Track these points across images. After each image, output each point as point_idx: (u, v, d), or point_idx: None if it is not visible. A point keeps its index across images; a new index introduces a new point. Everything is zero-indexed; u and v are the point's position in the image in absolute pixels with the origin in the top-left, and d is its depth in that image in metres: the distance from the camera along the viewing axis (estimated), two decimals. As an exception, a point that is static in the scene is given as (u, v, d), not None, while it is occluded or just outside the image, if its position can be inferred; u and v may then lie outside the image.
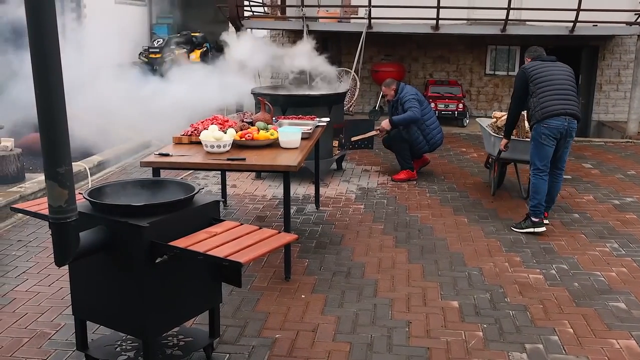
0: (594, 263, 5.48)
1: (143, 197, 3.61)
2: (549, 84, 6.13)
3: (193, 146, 5.42)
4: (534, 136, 6.17)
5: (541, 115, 6.06)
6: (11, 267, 5.28)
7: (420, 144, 8.23)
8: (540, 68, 6.20)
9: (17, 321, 4.32)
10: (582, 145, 11.01)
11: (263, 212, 6.85)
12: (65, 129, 2.93)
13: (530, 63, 6.32)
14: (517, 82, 6.35)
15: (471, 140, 11.38)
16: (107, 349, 3.74)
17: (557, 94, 6.11)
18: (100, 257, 3.35)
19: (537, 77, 6.15)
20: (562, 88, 6.14)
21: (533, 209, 6.18)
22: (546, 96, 6.09)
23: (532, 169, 6.25)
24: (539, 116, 6.08)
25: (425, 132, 8.18)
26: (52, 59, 2.80)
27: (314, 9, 13.00)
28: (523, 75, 6.24)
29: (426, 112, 8.22)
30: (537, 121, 6.10)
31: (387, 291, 4.88)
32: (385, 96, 8.53)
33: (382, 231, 6.27)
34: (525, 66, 6.32)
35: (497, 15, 11.66)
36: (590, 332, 4.25)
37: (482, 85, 14.47)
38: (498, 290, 4.89)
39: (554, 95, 6.10)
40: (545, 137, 6.07)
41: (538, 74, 6.16)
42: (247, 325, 4.31)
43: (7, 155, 7.40)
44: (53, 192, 2.96)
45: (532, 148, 6.22)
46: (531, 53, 6.46)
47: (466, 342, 4.11)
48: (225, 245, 3.23)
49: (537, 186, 6.17)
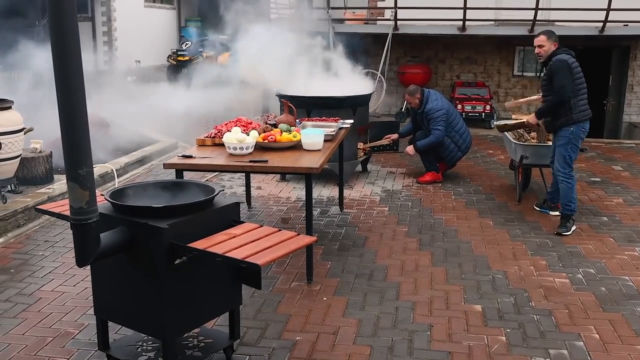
0: (622, 267, 5.39)
1: (164, 198, 3.63)
2: (583, 84, 6.07)
3: (216, 148, 5.44)
4: (570, 139, 6.03)
5: (580, 117, 6.00)
6: (38, 267, 5.34)
7: (452, 152, 8.14)
8: (577, 66, 6.06)
9: (42, 320, 4.37)
10: (613, 147, 10.85)
11: (287, 214, 6.86)
12: (86, 132, 2.96)
13: (569, 58, 6.02)
14: (564, 75, 5.93)
15: (498, 142, 11.27)
16: (128, 349, 3.77)
17: (586, 96, 6.07)
18: (121, 257, 3.37)
19: (577, 76, 6.03)
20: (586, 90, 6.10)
21: (571, 212, 6.23)
22: (583, 98, 6.04)
23: (563, 173, 6.12)
24: (577, 118, 5.99)
25: (455, 138, 8.10)
26: (73, 63, 2.84)
27: (340, 11, 13.00)
28: (568, 68, 5.96)
29: (454, 118, 8.12)
30: (574, 123, 5.99)
31: (409, 294, 4.85)
32: (410, 104, 8.40)
33: (406, 234, 6.24)
34: (567, 60, 5.99)
35: (524, 16, 11.57)
36: (616, 338, 4.17)
37: (510, 87, 14.35)
38: (522, 294, 4.83)
39: (586, 98, 6.07)
40: (580, 140, 6.05)
41: (578, 72, 6.04)
42: (268, 327, 4.31)
43: (36, 157, 7.49)
44: (74, 193, 3.00)
45: (566, 151, 6.06)
46: (553, 37, 6.11)
47: (489, 346, 4.06)
48: (244, 247, 3.23)
49: (572, 191, 6.16)
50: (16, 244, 5.88)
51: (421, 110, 8.06)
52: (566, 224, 6.18)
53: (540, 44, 6.17)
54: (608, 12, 10.87)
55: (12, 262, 5.43)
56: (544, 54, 6.17)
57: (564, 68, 5.94)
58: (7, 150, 6.57)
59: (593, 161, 9.55)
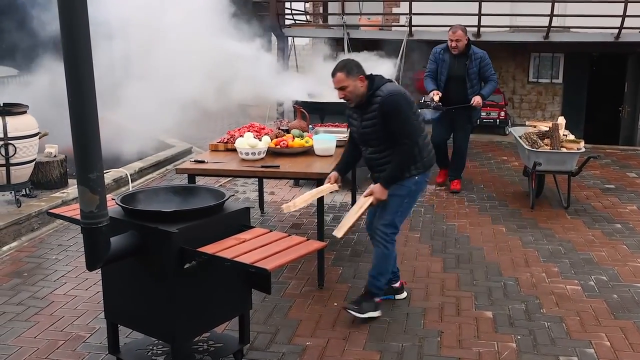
0: (635, 275, 5.35)
1: (175, 203, 3.66)
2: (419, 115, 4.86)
3: (229, 153, 5.47)
4: (412, 191, 4.48)
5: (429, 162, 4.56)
6: (51, 270, 5.39)
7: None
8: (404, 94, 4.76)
9: (54, 324, 4.41)
10: (628, 154, 10.78)
11: (299, 220, 6.87)
12: (97, 136, 2.99)
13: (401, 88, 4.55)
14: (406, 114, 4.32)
15: (512, 148, 11.22)
16: (138, 352, 3.80)
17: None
18: (131, 262, 3.40)
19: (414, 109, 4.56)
20: None
21: (377, 291, 4.59)
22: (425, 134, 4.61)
23: (384, 233, 4.47)
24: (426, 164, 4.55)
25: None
26: (84, 68, 2.87)
27: (355, 17, 13.01)
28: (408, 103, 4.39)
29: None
30: (423, 170, 4.52)
31: (420, 300, 4.84)
32: (453, 43, 7.66)
33: (418, 240, 6.23)
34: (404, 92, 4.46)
35: (540, 22, 11.52)
36: (628, 346, 4.15)
37: (525, 93, 14.29)
38: (534, 301, 4.81)
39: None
40: (421, 192, 4.76)
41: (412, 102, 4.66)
42: (278, 332, 4.32)
43: (51, 161, 7.56)
44: (85, 197, 3.03)
45: (400, 205, 4.48)
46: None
47: (498, 353, 4.05)
48: (253, 251, 3.25)
49: (388, 261, 4.55)
50: (30, 247, 5.94)
51: (468, 53, 7.67)
52: (362, 303, 4.49)
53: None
54: (624, 18, 10.79)
55: (25, 266, 5.48)
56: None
57: (404, 105, 4.31)
58: (22, 154, 6.63)
59: (608, 168, 9.49)
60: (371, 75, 4.37)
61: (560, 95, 14.10)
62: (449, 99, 7.65)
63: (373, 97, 4.29)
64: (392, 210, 4.42)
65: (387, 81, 4.38)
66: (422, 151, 4.39)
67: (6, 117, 6.52)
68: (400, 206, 4.43)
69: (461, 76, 7.63)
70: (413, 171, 4.38)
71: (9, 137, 6.51)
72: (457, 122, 7.92)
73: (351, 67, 4.29)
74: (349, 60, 4.38)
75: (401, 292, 4.88)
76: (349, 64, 4.32)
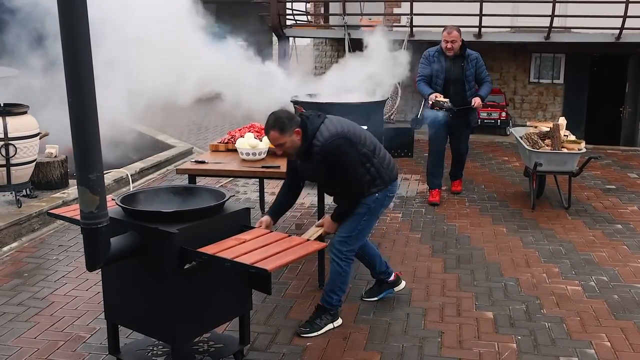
0: (636, 275, 5.34)
1: (175, 203, 3.66)
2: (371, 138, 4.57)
3: (229, 154, 5.48)
4: (371, 208, 4.32)
5: (390, 176, 4.42)
6: (51, 271, 5.39)
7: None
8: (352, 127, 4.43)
9: (54, 324, 4.41)
10: (629, 155, 10.77)
11: (301, 220, 6.87)
12: (97, 137, 2.99)
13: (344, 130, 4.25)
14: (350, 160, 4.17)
15: (514, 149, 11.21)
16: (138, 353, 3.80)
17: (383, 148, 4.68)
18: (132, 262, 3.40)
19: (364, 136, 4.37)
20: None
21: (331, 307, 4.40)
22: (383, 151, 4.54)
23: (339, 251, 4.31)
24: (387, 179, 4.40)
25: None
26: (84, 68, 2.87)
27: (356, 17, 13.01)
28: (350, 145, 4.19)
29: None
30: (384, 186, 4.36)
31: (421, 301, 4.84)
32: (448, 44, 7.26)
33: (419, 240, 6.22)
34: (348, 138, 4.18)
35: (541, 23, 11.52)
36: (628, 346, 4.14)
37: (526, 94, 14.27)
38: (534, 302, 4.81)
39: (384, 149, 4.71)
40: (383, 209, 4.53)
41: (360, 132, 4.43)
42: (279, 332, 4.32)
43: (51, 162, 7.56)
44: (84, 197, 3.03)
45: (358, 224, 4.30)
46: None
47: (499, 353, 4.05)
48: (253, 252, 3.25)
49: (345, 278, 4.38)
50: (30, 248, 5.94)
51: (464, 54, 7.32)
52: (315, 320, 4.34)
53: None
54: (624, 19, 10.79)
55: (25, 266, 5.48)
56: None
57: (345, 147, 4.08)
58: (23, 155, 6.63)
59: (608, 168, 9.48)
60: (304, 122, 4.01)
61: (561, 96, 14.07)
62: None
63: (311, 147, 4.01)
64: (349, 228, 4.26)
65: (320, 122, 4.05)
66: (378, 170, 4.23)
67: (6, 118, 6.52)
68: (358, 224, 4.26)
69: (459, 78, 7.32)
70: (372, 189, 4.22)
71: (10, 137, 6.51)
72: (455, 128, 7.51)
73: (283, 124, 3.93)
74: (279, 115, 3.98)
75: (398, 283, 4.85)
76: (280, 119, 3.94)
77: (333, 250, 4.31)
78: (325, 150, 3.98)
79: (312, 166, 4.11)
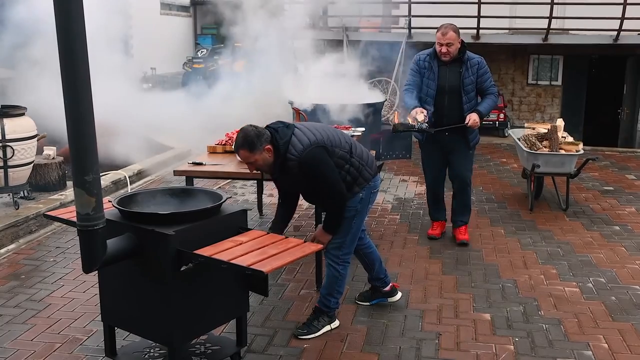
0: (633, 277, 5.34)
1: (172, 205, 3.65)
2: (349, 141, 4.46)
3: (227, 155, 5.47)
4: (358, 209, 4.28)
5: (370, 173, 4.38)
6: (49, 272, 5.38)
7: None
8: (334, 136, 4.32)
9: (51, 326, 4.40)
10: (627, 156, 10.78)
11: (298, 222, 6.86)
12: (93, 139, 2.98)
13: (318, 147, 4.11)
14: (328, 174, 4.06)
15: (512, 150, 11.21)
16: (135, 355, 3.79)
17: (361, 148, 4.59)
18: (128, 264, 3.39)
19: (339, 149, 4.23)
20: None
21: (328, 309, 4.42)
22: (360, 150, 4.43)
23: (335, 256, 4.31)
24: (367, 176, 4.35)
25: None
26: (81, 69, 2.86)
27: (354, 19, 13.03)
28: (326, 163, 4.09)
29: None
30: (365, 184, 4.31)
31: (418, 302, 4.84)
32: (443, 47, 5.79)
33: (417, 242, 6.22)
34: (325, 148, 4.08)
35: (539, 24, 11.55)
36: (625, 348, 4.14)
37: (525, 95, 14.29)
38: (532, 303, 4.81)
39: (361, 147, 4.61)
40: (370, 205, 4.50)
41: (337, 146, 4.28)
42: (276, 334, 4.31)
43: (49, 164, 7.56)
44: (81, 199, 3.03)
45: (351, 226, 4.27)
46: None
47: (496, 355, 4.04)
48: (250, 254, 3.24)
49: (341, 282, 4.39)
50: (27, 250, 5.93)
51: (463, 59, 5.86)
52: (313, 322, 4.35)
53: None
54: (622, 20, 10.82)
55: (23, 268, 5.47)
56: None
57: (320, 156, 3.95)
58: (20, 156, 6.63)
59: (606, 170, 9.48)
60: (274, 137, 3.86)
61: (559, 97, 14.10)
62: (439, 117, 5.85)
63: (286, 161, 3.88)
64: (342, 233, 4.20)
65: (290, 133, 3.90)
66: (358, 168, 4.16)
67: (4, 119, 6.51)
68: (350, 228, 4.22)
69: (455, 88, 5.81)
70: (356, 188, 4.16)
71: (7, 139, 6.51)
72: (453, 150, 6.02)
73: (252, 142, 3.77)
74: (247, 133, 3.80)
75: (394, 294, 4.82)
76: (248, 137, 3.78)
77: (329, 256, 4.29)
78: (301, 162, 3.87)
79: (291, 179, 4.04)
